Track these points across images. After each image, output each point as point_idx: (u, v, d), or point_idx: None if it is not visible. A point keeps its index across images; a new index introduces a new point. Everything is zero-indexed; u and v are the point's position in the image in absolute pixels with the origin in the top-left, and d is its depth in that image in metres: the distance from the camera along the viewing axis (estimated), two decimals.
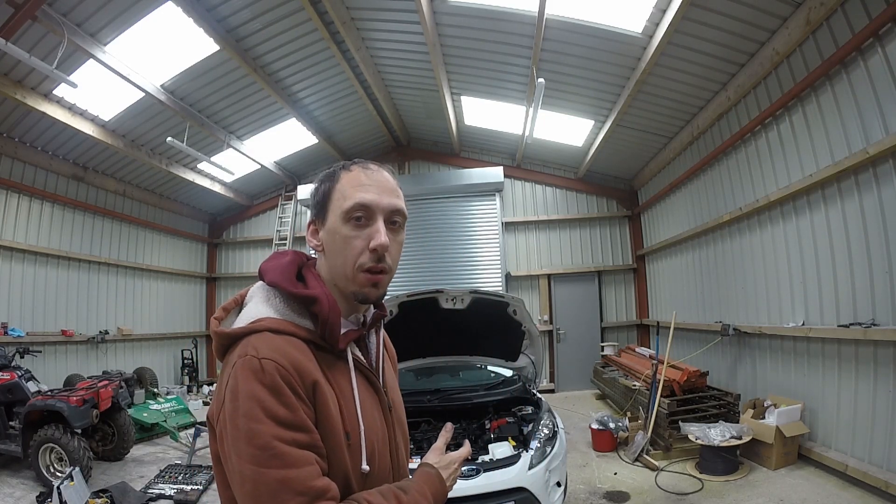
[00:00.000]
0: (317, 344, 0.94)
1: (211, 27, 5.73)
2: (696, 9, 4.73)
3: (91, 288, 8.21)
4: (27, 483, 4.76)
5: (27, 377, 5.16)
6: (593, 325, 9.57)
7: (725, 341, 6.23)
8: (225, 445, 0.85)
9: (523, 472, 3.06)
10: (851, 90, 4.16)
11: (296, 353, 0.88)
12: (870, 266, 4.08)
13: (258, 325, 0.91)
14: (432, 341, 4.09)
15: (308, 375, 0.87)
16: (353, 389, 0.96)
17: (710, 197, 6.75)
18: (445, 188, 9.58)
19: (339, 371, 0.96)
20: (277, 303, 0.96)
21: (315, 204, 1.03)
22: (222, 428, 0.85)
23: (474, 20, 5.92)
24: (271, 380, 0.83)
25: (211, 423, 0.92)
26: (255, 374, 0.83)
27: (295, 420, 0.83)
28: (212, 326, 0.97)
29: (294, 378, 0.85)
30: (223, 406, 0.85)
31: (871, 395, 4.04)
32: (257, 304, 0.96)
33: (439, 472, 1.06)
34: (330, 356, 0.96)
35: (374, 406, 1.03)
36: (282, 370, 0.84)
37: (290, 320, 0.93)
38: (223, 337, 0.93)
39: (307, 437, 0.84)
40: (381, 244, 0.95)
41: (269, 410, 0.81)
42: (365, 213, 0.96)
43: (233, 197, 10.48)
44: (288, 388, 0.83)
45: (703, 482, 4.40)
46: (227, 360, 0.90)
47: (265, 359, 0.84)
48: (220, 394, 0.87)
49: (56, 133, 6.97)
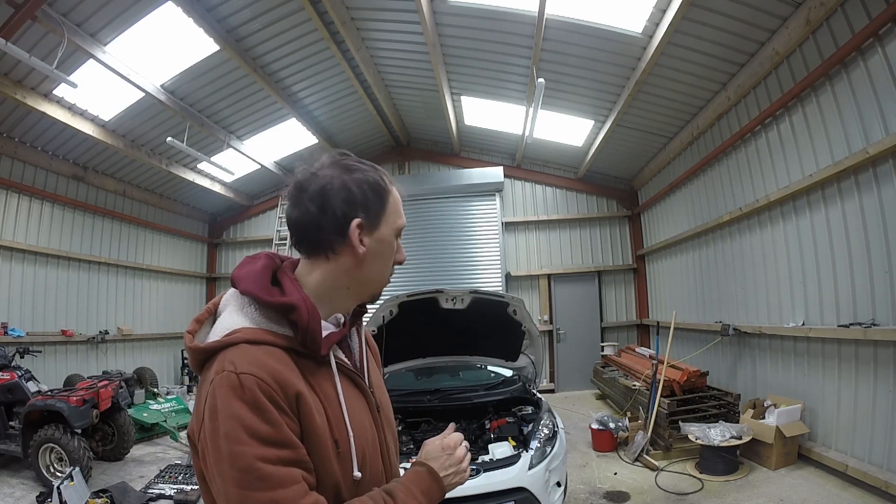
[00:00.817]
0: (297, 351, 0.90)
1: (211, 27, 5.73)
2: (696, 9, 4.73)
3: (91, 288, 8.20)
4: (27, 483, 4.76)
5: (27, 377, 5.16)
6: (593, 325, 9.57)
7: (725, 341, 6.23)
8: (208, 465, 0.82)
9: (523, 472, 3.06)
10: (851, 90, 4.16)
11: (276, 365, 0.84)
12: (870, 266, 4.08)
13: (234, 338, 0.86)
14: (432, 341, 4.09)
15: (290, 387, 0.84)
16: (338, 395, 0.93)
17: (709, 197, 6.75)
18: (445, 188, 9.59)
19: (323, 377, 0.93)
20: (252, 311, 0.91)
21: (368, 206, 0.96)
22: (204, 447, 0.82)
23: (474, 20, 5.92)
24: (251, 396, 0.79)
25: (192, 441, 0.88)
26: (234, 390, 0.79)
27: (278, 437, 0.80)
28: (186, 341, 0.92)
29: (276, 391, 0.81)
30: (203, 425, 0.82)
31: (871, 395, 4.04)
32: (231, 314, 0.92)
33: (430, 468, 1.00)
34: (311, 363, 0.92)
35: (363, 409, 1.00)
36: (262, 384, 0.80)
37: (268, 329, 0.89)
38: (198, 352, 0.88)
39: (292, 454, 0.81)
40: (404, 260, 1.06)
41: (251, 429, 0.78)
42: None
43: (233, 197, 10.48)
44: (270, 402, 0.80)
45: (703, 482, 4.40)
46: (205, 375, 0.86)
47: (244, 373, 0.80)
48: (200, 411, 0.84)
49: (56, 133, 6.97)
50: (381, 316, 3.71)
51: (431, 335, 3.99)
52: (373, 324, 3.71)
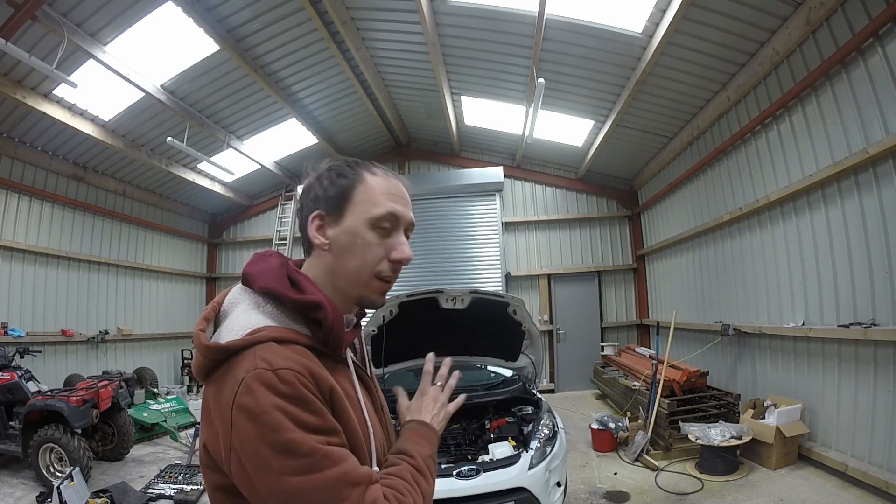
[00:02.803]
0: (317, 350, 0.90)
1: (211, 27, 5.73)
2: (696, 9, 4.73)
3: (91, 288, 8.20)
4: (27, 483, 4.76)
5: (27, 377, 5.16)
6: (593, 325, 9.57)
7: (725, 341, 6.23)
8: (248, 473, 0.76)
9: (523, 472, 3.06)
10: (851, 90, 4.16)
11: (308, 361, 0.83)
12: (870, 266, 4.08)
13: (261, 336, 0.82)
14: (432, 341, 4.07)
15: (324, 381, 0.84)
16: (357, 393, 0.96)
17: (709, 197, 6.75)
18: (445, 188, 9.58)
19: (342, 375, 0.95)
20: (271, 310, 0.89)
21: (328, 199, 0.96)
22: (240, 455, 0.76)
23: (474, 20, 5.92)
24: (293, 390, 0.77)
25: (211, 455, 0.84)
26: (272, 387, 0.76)
27: (326, 425, 0.80)
28: (199, 340, 0.85)
29: (313, 386, 0.81)
30: (232, 431, 0.76)
31: (871, 395, 4.04)
32: (247, 313, 0.88)
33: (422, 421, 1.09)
34: (330, 362, 0.92)
35: (372, 408, 1.02)
36: (301, 378, 0.79)
37: (290, 328, 0.87)
38: (217, 351, 0.82)
39: (339, 440, 0.82)
40: (408, 258, 0.97)
41: (300, 420, 0.76)
42: (392, 224, 0.96)
43: (233, 197, 10.48)
44: (311, 393, 0.80)
45: (703, 482, 4.40)
46: (222, 379, 0.80)
47: (281, 369, 0.78)
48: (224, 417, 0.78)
49: (56, 133, 6.97)
50: (381, 316, 3.71)
51: (431, 335, 3.98)
52: (373, 324, 3.72)
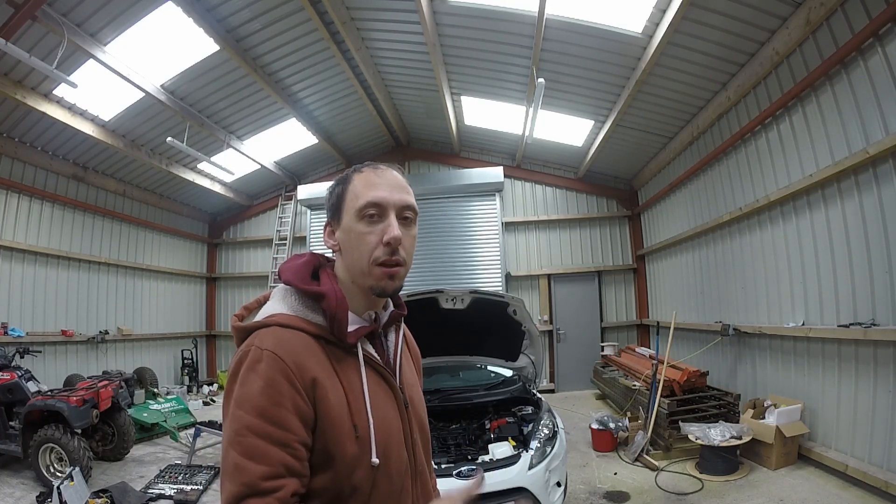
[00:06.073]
0: (327, 339, 0.98)
1: (211, 27, 5.73)
2: (696, 9, 4.73)
3: (91, 288, 8.21)
4: (27, 483, 4.75)
5: (27, 377, 5.15)
6: (593, 325, 9.57)
7: (725, 341, 6.23)
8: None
9: (523, 472, 3.06)
10: (851, 90, 4.16)
11: (299, 349, 0.93)
12: (870, 266, 4.08)
13: (269, 320, 0.97)
14: (432, 341, 4.08)
15: (307, 371, 0.92)
16: (362, 385, 0.99)
17: (709, 197, 6.75)
18: (445, 188, 9.58)
19: (350, 365, 1.00)
20: (292, 300, 1.01)
21: (330, 207, 1.08)
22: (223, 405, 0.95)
23: (474, 20, 5.91)
24: (266, 371, 0.88)
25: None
26: (254, 363, 0.90)
27: (275, 415, 0.86)
28: (231, 322, 1.05)
29: (293, 372, 0.90)
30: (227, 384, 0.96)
31: (871, 395, 4.04)
32: (274, 303, 1.03)
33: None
34: (340, 351, 0.99)
35: (388, 402, 1.04)
36: (280, 363, 0.89)
37: (302, 316, 0.98)
38: (239, 331, 1.00)
39: (282, 435, 0.86)
40: (394, 237, 0.99)
41: (253, 399, 0.87)
42: (377, 210, 1.01)
43: (233, 197, 10.48)
44: (285, 380, 0.88)
45: (703, 482, 4.40)
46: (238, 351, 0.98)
47: (266, 350, 0.90)
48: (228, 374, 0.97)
49: (56, 133, 6.97)
50: None
51: (431, 335, 3.97)
52: None
